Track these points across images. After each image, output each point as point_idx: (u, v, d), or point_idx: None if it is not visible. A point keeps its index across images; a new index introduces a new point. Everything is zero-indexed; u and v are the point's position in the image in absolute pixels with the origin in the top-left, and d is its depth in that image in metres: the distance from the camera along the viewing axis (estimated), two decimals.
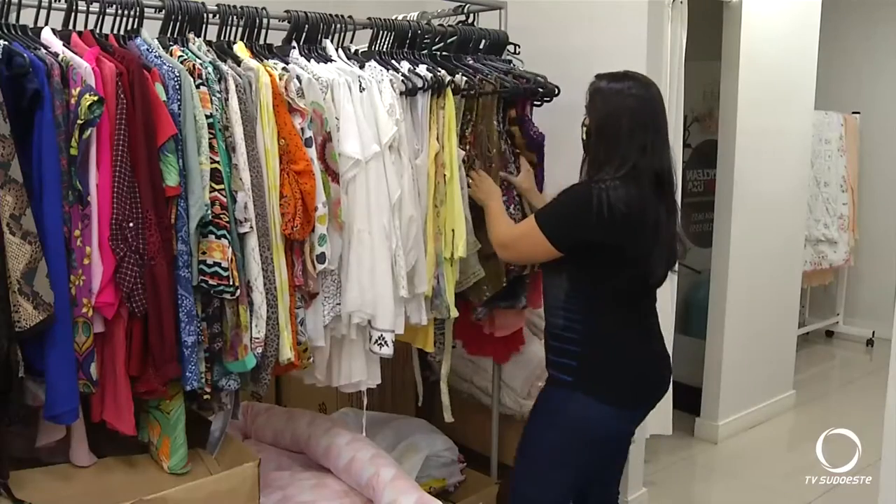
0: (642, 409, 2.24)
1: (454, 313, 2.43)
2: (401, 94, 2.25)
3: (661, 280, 2.15)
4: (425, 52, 2.53)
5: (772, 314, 4.41)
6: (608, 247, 2.03)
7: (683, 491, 3.70)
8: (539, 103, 2.71)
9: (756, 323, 4.25)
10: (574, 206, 2.06)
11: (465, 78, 2.41)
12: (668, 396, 3.49)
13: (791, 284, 4.62)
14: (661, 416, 3.49)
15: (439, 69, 2.38)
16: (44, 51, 1.77)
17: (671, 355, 3.46)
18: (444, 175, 2.32)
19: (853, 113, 5.78)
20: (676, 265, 2.24)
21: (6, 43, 1.72)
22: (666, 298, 3.41)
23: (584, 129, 2.15)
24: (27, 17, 1.87)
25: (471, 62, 2.58)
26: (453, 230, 2.34)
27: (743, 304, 4.12)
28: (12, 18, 1.84)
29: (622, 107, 2.06)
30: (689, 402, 4.15)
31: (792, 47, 4.22)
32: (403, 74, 2.29)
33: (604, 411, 2.09)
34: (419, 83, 2.28)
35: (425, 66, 2.39)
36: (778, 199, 4.29)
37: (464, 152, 2.41)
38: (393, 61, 2.38)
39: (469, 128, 2.48)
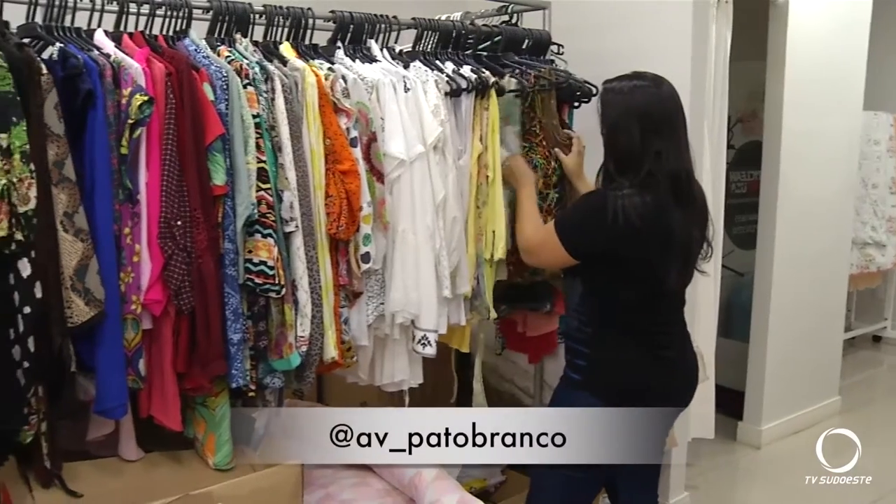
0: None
1: (493, 314, 2.43)
2: (445, 94, 2.26)
3: (675, 286, 2.10)
4: (469, 52, 2.53)
5: (816, 318, 4.34)
6: (619, 257, 2.01)
7: (725, 495, 3.66)
8: (577, 105, 2.69)
9: (800, 326, 4.18)
10: (589, 215, 2.05)
11: (514, 79, 2.41)
12: (710, 399, 3.49)
13: (837, 287, 4.53)
14: (703, 420, 3.46)
15: (484, 70, 2.38)
16: (96, 52, 1.81)
17: (714, 358, 3.46)
18: (487, 176, 2.32)
19: None
20: (706, 266, 2.19)
21: (62, 45, 1.76)
22: (709, 301, 3.38)
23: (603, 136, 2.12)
24: (81, 20, 1.91)
25: (517, 59, 2.57)
26: (494, 231, 2.34)
27: (787, 307, 4.06)
28: (67, 21, 1.88)
29: (631, 109, 2.02)
30: (732, 406, 4.10)
31: (840, 46, 4.14)
32: (448, 75, 2.29)
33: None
34: (463, 84, 2.28)
35: (469, 66, 2.39)
36: (824, 201, 4.22)
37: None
38: (437, 61, 2.39)
39: (536, 123, 2.47)
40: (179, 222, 1.82)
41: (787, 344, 4.11)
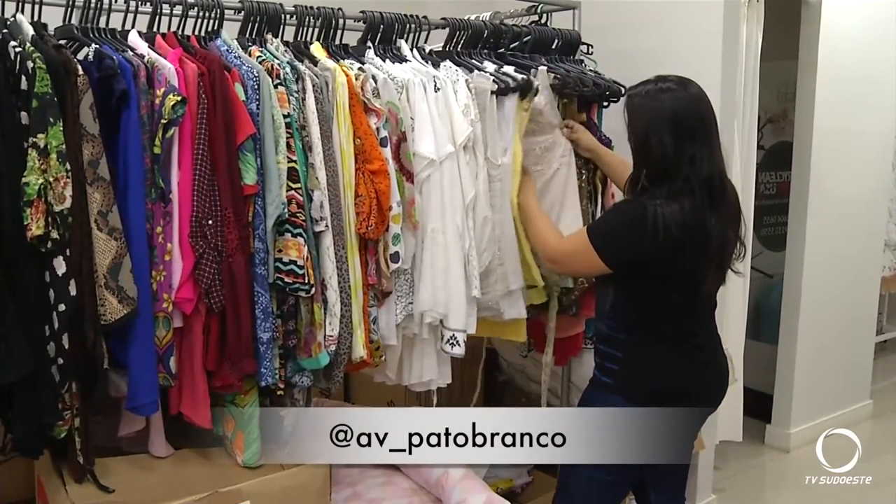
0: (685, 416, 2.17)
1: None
2: (491, 93, 2.25)
3: (710, 289, 2.07)
4: (500, 51, 2.53)
5: (847, 320, 4.28)
6: (659, 264, 1.99)
7: (753, 499, 3.63)
8: (606, 105, 2.68)
9: (831, 329, 4.13)
10: (628, 226, 2.01)
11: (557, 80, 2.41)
12: (738, 402, 3.46)
13: (868, 290, 4.47)
14: (731, 422, 3.44)
15: (521, 70, 2.38)
16: (131, 53, 1.83)
17: (742, 360, 3.43)
18: None
19: None
20: (739, 266, 2.16)
21: (97, 46, 1.78)
22: (738, 303, 3.36)
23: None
24: (115, 22, 1.93)
25: (544, 62, 2.57)
26: None
27: (817, 309, 4.01)
28: (102, 22, 1.91)
29: (662, 115, 1.95)
30: (760, 409, 4.06)
31: (873, 45, 4.08)
32: (493, 74, 2.29)
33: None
34: (511, 83, 2.27)
35: (513, 66, 2.39)
36: (856, 202, 4.16)
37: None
38: (474, 61, 2.39)
39: None
40: (210, 221, 1.84)
41: (817, 346, 4.06)
